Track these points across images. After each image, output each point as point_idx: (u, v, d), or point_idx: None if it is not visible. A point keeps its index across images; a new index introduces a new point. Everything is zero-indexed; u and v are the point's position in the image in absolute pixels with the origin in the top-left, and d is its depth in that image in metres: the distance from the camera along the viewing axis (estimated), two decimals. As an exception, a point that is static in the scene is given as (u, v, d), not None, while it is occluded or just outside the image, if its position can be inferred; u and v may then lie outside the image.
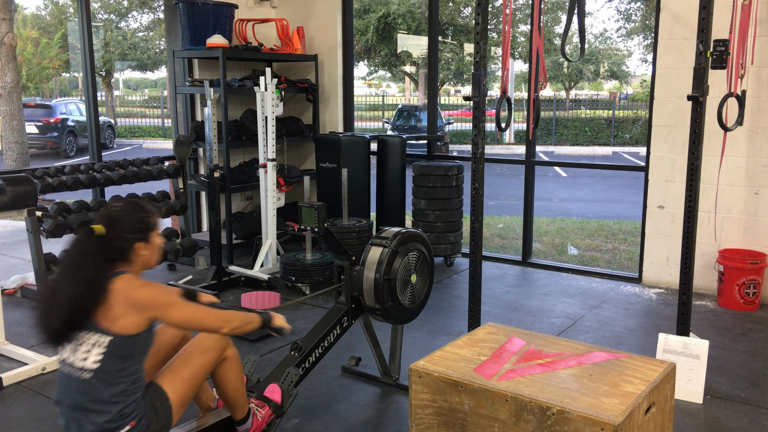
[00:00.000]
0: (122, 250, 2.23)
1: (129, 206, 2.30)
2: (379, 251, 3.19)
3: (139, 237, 2.26)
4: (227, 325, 2.34)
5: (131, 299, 2.17)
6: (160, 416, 2.29)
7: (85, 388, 2.19)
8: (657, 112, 4.99)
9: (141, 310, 2.18)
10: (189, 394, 2.40)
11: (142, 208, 2.31)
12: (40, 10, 26.65)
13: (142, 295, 2.19)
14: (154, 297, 2.21)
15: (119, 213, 2.26)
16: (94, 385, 2.18)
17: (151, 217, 2.33)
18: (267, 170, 5.26)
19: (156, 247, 2.35)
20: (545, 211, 9.54)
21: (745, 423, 3.09)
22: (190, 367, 2.39)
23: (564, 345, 2.51)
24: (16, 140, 12.18)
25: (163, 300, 2.23)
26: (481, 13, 3.41)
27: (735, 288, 4.59)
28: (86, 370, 2.18)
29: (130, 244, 2.24)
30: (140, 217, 2.29)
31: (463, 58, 21.59)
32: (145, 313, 2.20)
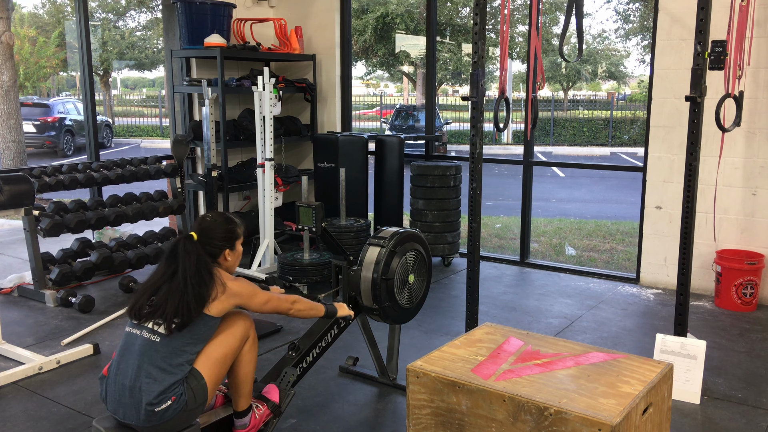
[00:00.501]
0: (213, 255, 2.61)
1: (220, 217, 2.69)
2: (376, 251, 3.19)
3: (227, 244, 2.65)
4: (294, 306, 2.76)
5: (225, 287, 2.52)
6: (197, 395, 2.46)
7: (149, 349, 2.42)
8: (655, 112, 4.99)
9: (231, 297, 2.53)
10: (221, 373, 2.57)
11: (231, 220, 2.70)
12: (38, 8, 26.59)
13: (235, 287, 2.56)
14: (243, 288, 2.59)
15: (212, 223, 2.65)
16: (159, 349, 2.41)
17: (239, 228, 2.71)
18: (265, 170, 5.26)
19: (239, 255, 2.72)
20: (543, 212, 9.54)
21: (742, 423, 3.09)
22: (221, 348, 2.56)
23: (561, 345, 2.51)
24: (14, 139, 12.15)
25: (249, 290, 2.61)
26: (479, 13, 3.41)
27: (732, 288, 4.60)
28: (157, 333, 2.44)
29: (221, 250, 2.63)
30: (230, 227, 2.66)
31: (461, 58, 21.60)
32: (235, 299, 2.55)
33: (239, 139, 5.93)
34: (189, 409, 2.44)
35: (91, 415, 3.13)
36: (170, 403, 2.38)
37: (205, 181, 5.23)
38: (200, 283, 2.48)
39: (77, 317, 4.45)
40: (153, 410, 2.36)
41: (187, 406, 2.43)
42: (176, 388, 2.40)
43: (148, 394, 2.36)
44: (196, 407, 2.47)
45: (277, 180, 5.56)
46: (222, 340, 2.57)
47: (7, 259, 5.98)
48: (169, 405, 2.38)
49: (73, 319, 4.42)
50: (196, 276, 2.48)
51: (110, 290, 5.01)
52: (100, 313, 4.50)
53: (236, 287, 2.57)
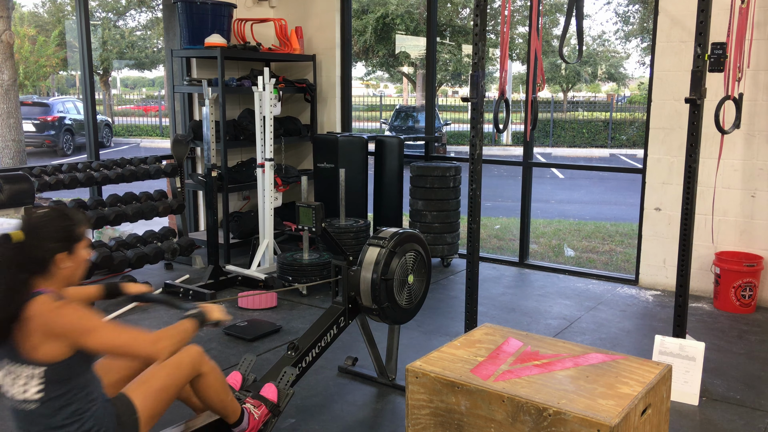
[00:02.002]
0: (42, 261, 2.02)
1: (52, 213, 2.08)
2: (376, 251, 3.20)
3: (61, 247, 2.04)
4: (159, 347, 2.08)
5: (46, 327, 1.95)
6: (127, 429, 2.17)
7: (34, 418, 2.04)
8: (654, 114, 4.99)
9: (59, 338, 1.97)
10: (159, 407, 2.27)
11: (67, 216, 2.09)
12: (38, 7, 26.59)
13: (56, 321, 1.96)
14: (70, 323, 1.97)
15: (41, 220, 2.04)
16: (43, 413, 2.03)
17: (78, 226, 2.11)
18: (264, 170, 5.26)
19: (81, 261, 2.13)
20: (542, 213, 9.55)
21: (741, 425, 3.10)
22: (161, 379, 2.26)
23: (561, 346, 2.52)
24: (13, 138, 12.14)
25: (80, 325, 1.98)
26: (479, 14, 3.42)
27: (731, 290, 4.60)
28: (30, 402, 2.02)
29: (51, 254, 2.03)
30: (64, 225, 2.07)
31: (461, 59, 21.61)
32: (64, 341, 1.98)
33: (239, 139, 5.94)
34: None
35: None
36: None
37: (205, 180, 5.23)
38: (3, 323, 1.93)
39: (76, 316, 4.44)
40: None
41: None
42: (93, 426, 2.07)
43: None
44: None
45: (277, 180, 5.57)
46: (162, 369, 2.27)
47: (6, 258, 5.98)
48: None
49: (72, 318, 4.42)
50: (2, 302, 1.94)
51: (109, 289, 5.01)
52: (101, 312, 4.50)
53: (59, 324, 1.95)
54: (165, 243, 5.25)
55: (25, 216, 2.07)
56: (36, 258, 2.02)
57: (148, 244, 5.26)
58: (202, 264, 5.70)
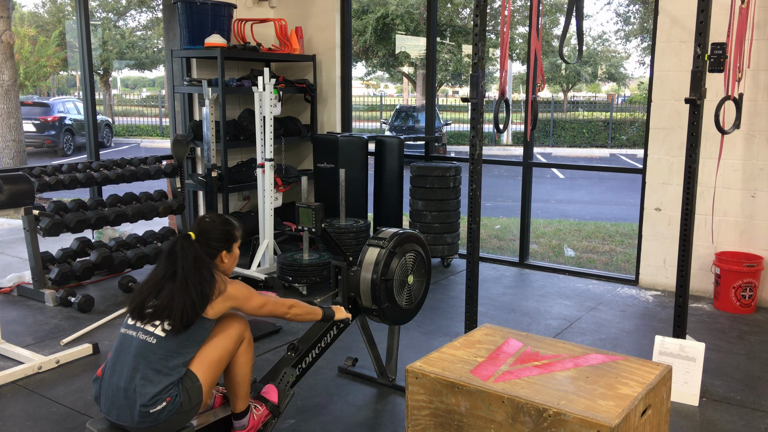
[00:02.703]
0: (210, 257, 2.59)
1: (219, 218, 2.67)
2: (376, 252, 3.19)
3: (224, 246, 2.63)
4: (292, 310, 2.77)
5: (224, 288, 2.52)
6: (192, 397, 2.45)
7: (145, 351, 2.41)
8: (654, 114, 4.99)
9: (228, 299, 2.53)
10: (216, 375, 2.56)
11: (229, 222, 2.68)
12: (38, 7, 26.58)
13: (232, 288, 2.56)
14: (240, 290, 2.58)
15: (210, 224, 2.63)
16: (155, 351, 2.40)
17: (237, 230, 2.69)
18: (265, 170, 5.26)
19: (236, 258, 2.70)
20: (542, 213, 9.55)
21: (741, 426, 3.10)
22: (215, 350, 2.55)
23: (560, 347, 2.51)
24: (14, 138, 12.16)
25: (246, 293, 2.60)
26: (479, 14, 3.42)
27: (731, 290, 4.60)
28: (153, 335, 2.43)
29: (218, 251, 2.62)
30: (228, 229, 2.65)
31: (462, 59, 21.61)
32: (231, 302, 2.54)
33: (239, 140, 5.94)
34: (184, 410, 2.44)
35: (90, 414, 3.13)
36: (165, 404, 2.38)
37: (205, 181, 5.23)
38: (202, 281, 2.47)
39: (76, 317, 4.45)
40: (147, 411, 2.36)
41: (182, 407, 2.42)
42: (171, 389, 2.40)
43: (143, 395, 2.36)
44: (190, 409, 2.47)
45: (277, 180, 5.57)
46: (217, 342, 2.57)
47: (6, 259, 5.98)
48: (164, 407, 2.37)
49: (72, 318, 4.42)
50: (197, 275, 2.47)
51: (110, 290, 5.01)
52: (99, 313, 4.50)
53: (234, 289, 2.57)
54: (165, 243, 5.25)
55: (198, 221, 2.65)
56: (207, 254, 2.57)
57: (148, 244, 5.26)
58: (202, 264, 5.69)
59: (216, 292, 2.49)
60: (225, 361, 2.60)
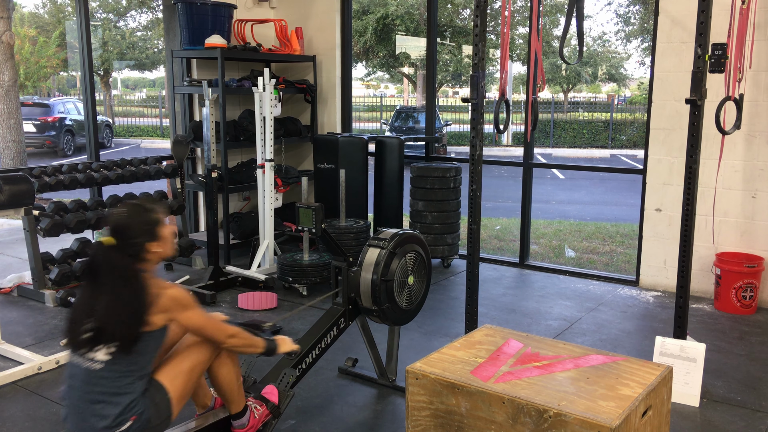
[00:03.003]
0: (136, 254, 2.29)
1: (132, 209, 2.33)
2: (376, 252, 3.19)
3: (149, 237, 2.31)
4: (230, 340, 2.47)
5: (159, 300, 2.26)
6: (161, 410, 2.33)
7: (94, 378, 2.23)
8: (655, 115, 4.99)
9: (164, 311, 2.28)
10: (188, 387, 2.43)
11: (144, 208, 2.35)
12: (38, 8, 26.60)
13: (169, 296, 2.29)
14: (178, 299, 2.31)
15: (125, 219, 2.30)
16: (104, 376, 2.23)
17: (156, 213, 2.36)
18: (265, 170, 5.26)
19: (167, 240, 2.39)
20: (543, 214, 9.54)
21: (742, 426, 3.09)
22: (188, 361, 2.42)
23: (561, 347, 2.51)
24: (14, 139, 12.15)
25: (184, 302, 2.33)
26: (479, 15, 3.42)
27: (732, 291, 4.60)
28: (97, 361, 2.23)
29: (143, 246, 2.30)
30: (146, 218, 2.33)
31: (462, 59, 21.61)
32: (167, 313, 2.29)
33: (239, 140, 5.93)
34: (152, 425, 2.30)
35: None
36: (131, 423, 2.24)
37: (205, 181, 5.22)
38: (133, 294, 2.23)
39: (76, 317, 4.44)
40: None
41: (150, 423, 2.28)
42: (135, 406, 2.25)
43: (105, 418, 2.22)
44: (160, 423, 2.33)
45: (277, 181, 5.56)
46: (189, 351, 2.44)
47: (6, 259, 5.98)
48: (129, 426, 2.24)
49: (72, 319, 4.42)
50: (125, 288, 2.23)
51: (110, 290, 5.00)
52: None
53: (170, 297, 2.30)
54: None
55: (110, 219, 2.31)
56: (131, 254, 2.28)
57: (149, 244, 5.25)
58: (202, 265, 5.69)
59: (149, 305, 2.25)
60: (198, 371, 2.46)
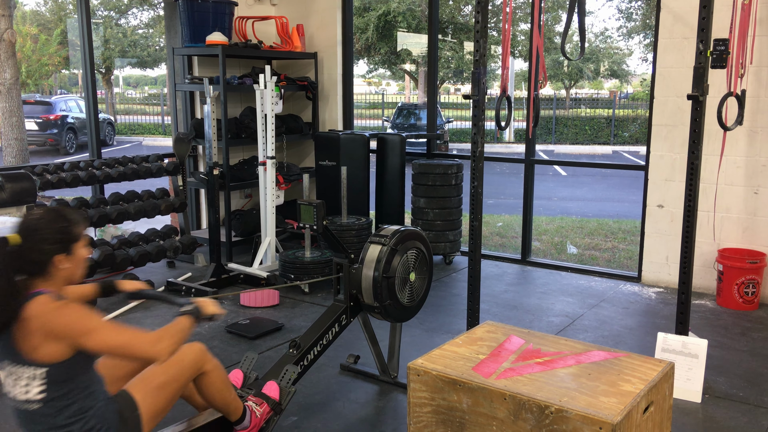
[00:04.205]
0: (40, 263, 2.02)
1: (49, 214, 2.07)
2: (378, 249, 3.19)
3: (59, 248, 2.04)
4: (160, 348, 2.06)
5: (46, 327, 1.95)
6: (129, 426, 2.16)
7: (37, 418, 2.05)
8: (657, 111, 4.98)
9: (59, 339, 1.97)
10: (161, 404, 2.26)
11: (64, 217, 2.08)
12: (40, 6, 26.61)
13: (57, 322, 1.96)
14: (69, 323, 1.97)
15: (38, 222, 2.03)
16: (46, 413, 2.04)
17: (75, 226, 2.09)
18: (266, 168, 5.26)
19: (80, 261, 2.12)
20: (545, 210, 9.54)
21: (744, 422, 3.09)
22: (163, 376, 2.26)
23: (563, 344, 2.51)
24: (16, 137, 12.15)
25: (80, 325, 1.98)
26: (481, 11, 3.41)
27: (734, 287, 4.59)
28: (32, 402, 2.03)
29: (49, 256, 2.02)
30: (61, 227, 2.06)
31: (463, 56, 21.58)
32: (64, 341, 1.98)
33: (241, 137, 5.93)
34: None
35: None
36: None
37: (207, 179, 5.23)
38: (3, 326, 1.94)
39: (79, 315, 4.45)
40: None
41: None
42: (96, 425, 2.07)
43: None
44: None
45: (279, 178, 5.57)
46: (167, 365, 2.25)
47: (9, 257, 5.99)
48: None
49: (74, 316, 4.43)
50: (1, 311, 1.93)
51: (112, 288, 5.01)
52: (101, 311, 4.51)
53: (60, 324, 1.95)
54: (167, 241, 5.25)
55: (23, 218, 2.06)
56: (34, 260, 2.02)
57: (151, 242, 5.27)
58: (204, 262, 5.70)
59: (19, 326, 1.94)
60: (174, 390, 2.30)
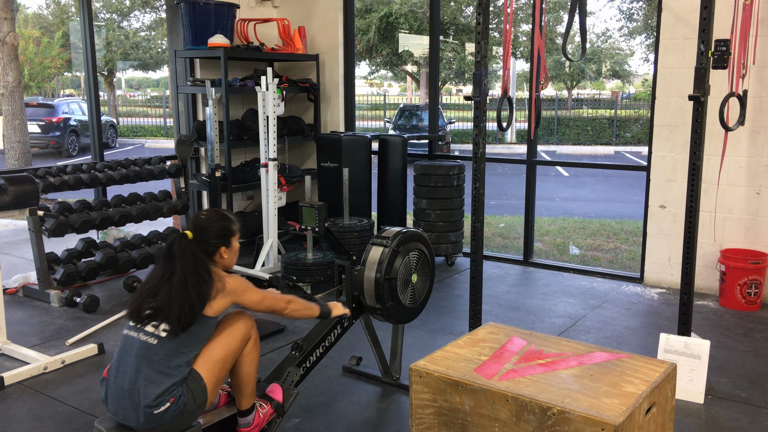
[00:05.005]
0: (209, 254, 2.58)
1: (215, 215, 2.66)
2: (379, 251, 3.19)
3: (223, 242, 2.61)
4: (290, 306, 2.75)
5: (223, 285, 2.52)
6: (197, 397, 2.45)
7: (147, 352, 2.41)
8: (659, 111, 4.98)
9: (227, 295, 2.52)
10: (221, 375, 2.55)
11: (226, 217, 2.66)
12: (42, 9, 26.71)
13: (231, 283, 2.55)
14: (238, 284, 2.58)
15: (206, 221, 2.61)
16: (157, 352, 2.40)
17: (233, 225, 2.67)
18: (268, 170, 5.26)
19: (236, 252, 2.68)
20: (547, 211, 9.53)
21: (746, 423, 3.09)
22: (221, 350, 2.55)
23: (565, 345, 2.51)
24: (19, 140, 12.18)
25: (244, 286, 2.60)
26: (482, 12, 3.41)
27: (736, 288, 4.59)
28: (154, 336, 2.42)
29: (216, 248, 2.59)
30: (225, 225, 2.63)
31: (465, 57, 21.59)
32: (230, 297, 2.54)
33: (243, 139, 5.94)
34: (188, 410, 2.44)
35: (96, 414, 3.14)
36: (169, 405, 2.38)
37: (209, 181, 5.23)
38: (200, 282, 2.46)
39: (82, 317, 4.46)
40: (152, 412, 2.36)
41: (186, 407, 2.42)
42: (174, 389, 2.40)
43: (147, 396, 2.36)
44: (195, 409, 2.47)
45: (281, 180, 5.57)
46: (222, 341, 2.57)
47: (12, 259, 6.00)
48: (167, 407, 2.37)
49: (77, 318, 4.44)
50: (194, 275, 2.46)
51: (115, 290, 5.02)
52: (104, 313, 4.52)
53: (232, 284, 2.57)
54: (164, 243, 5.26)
55: (193, 218, 2.64)
56: (205, 251, 2.56)
57: (153, 244, 5.28)
58: (206, 264, 5.70)
59: (214, 292, 2.49)
60: (231, 360, 2.59)
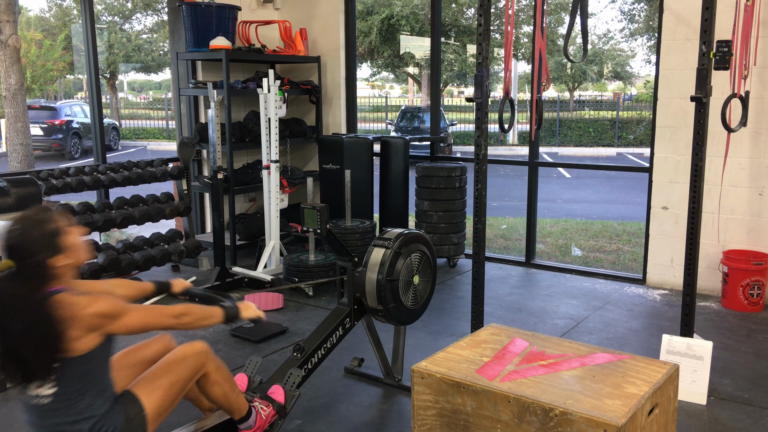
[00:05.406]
0: (40, 273, 2.03)
1: (24, 225, 2.04)
2: (381, 252, 3.20)
3: (49, 252, 2.03)
4: (183, 319, 2.25)
5: (80, 321, 2.01)
6: (134, 426, 2.20)
7: (47, 413, 2.09)
8: (661, 113, 4.98)
9: (94, 329, 2.04)
10: (165, 404, 2.29)
11: (38, 220, 2.05)
12: (44, 11, 26.78)
13: (92, 314, 2.02)
14: (103, 313, 2.04)
15: (17, 238, 2.02)
16: (56, 408, 2.08)
17: (52, 224, 2.07)
18: (270, 171, 5.27)
19: (76, 247, 2.11)
20: (549, 212, 9.53)
21: (749, 424, 3.08)
22: (167, 376, 2.30)
23: (567, 346, 2.51)
24: (21, 142, 12.19)
25: (113, 313, 2.07)
26: (483, 14, 3.41)
27: (739, 289, 4.58)
28: (43, 396, 2.06)
29: (44, 264, 2.03)
30: (41, 232, 2.03)
31: (466, 59, 21.59)
32: (99, 330, 2.06)
33: (245, 141, 5.95)
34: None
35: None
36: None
37: (211, 183, 5.24)
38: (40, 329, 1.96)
39: (84, 319, 4.46)
40: None
41: None
42: (103, 426, 2.11)
43: None
44: None
45: (283, 182, 5.58)
46: (170, 365, 2.32)
47: (14, 262, 6.01)
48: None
49: (80, 320, 4.44)
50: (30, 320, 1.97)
51: (117, 292, 5.02)
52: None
53: (95, 314, 2.02)
54: (172, 245, 5.27)
55: (5, 240, 2.03)
56: (35, 273, 2.03)
57: (155, 246, 5.28)
58: (208, 266, 5.71)
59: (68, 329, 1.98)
60: (177, 389, 2.32)
